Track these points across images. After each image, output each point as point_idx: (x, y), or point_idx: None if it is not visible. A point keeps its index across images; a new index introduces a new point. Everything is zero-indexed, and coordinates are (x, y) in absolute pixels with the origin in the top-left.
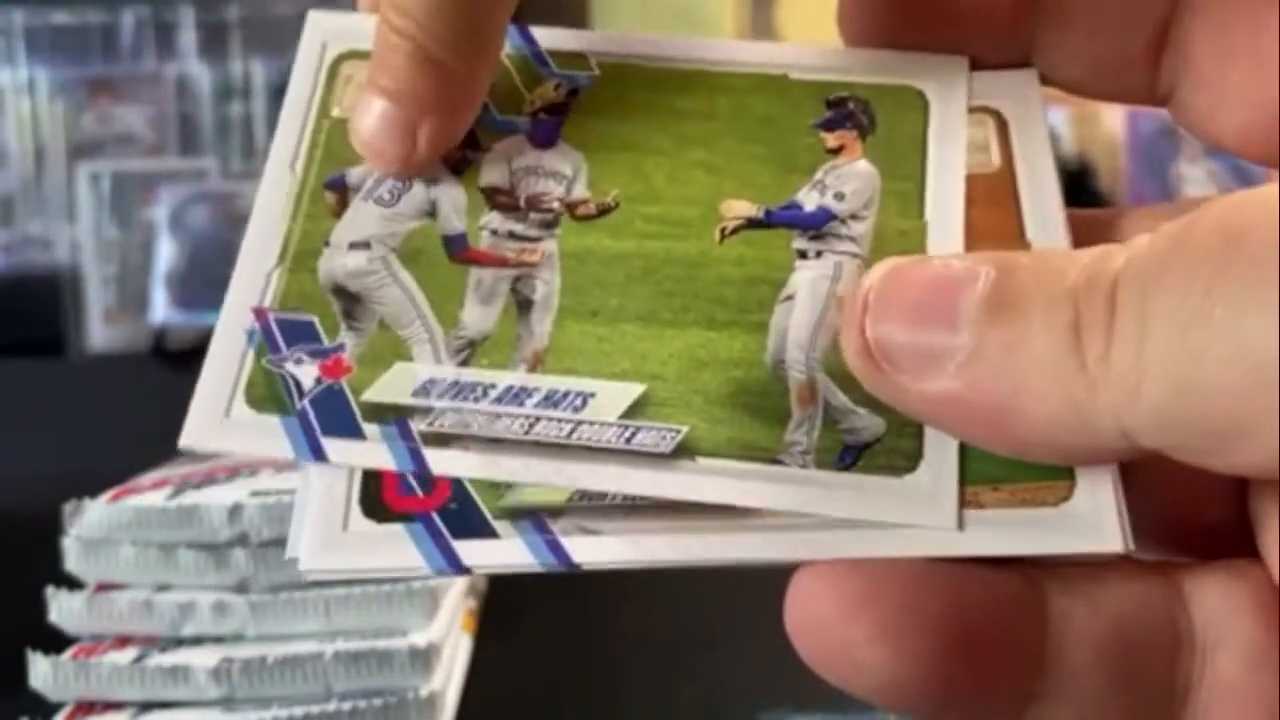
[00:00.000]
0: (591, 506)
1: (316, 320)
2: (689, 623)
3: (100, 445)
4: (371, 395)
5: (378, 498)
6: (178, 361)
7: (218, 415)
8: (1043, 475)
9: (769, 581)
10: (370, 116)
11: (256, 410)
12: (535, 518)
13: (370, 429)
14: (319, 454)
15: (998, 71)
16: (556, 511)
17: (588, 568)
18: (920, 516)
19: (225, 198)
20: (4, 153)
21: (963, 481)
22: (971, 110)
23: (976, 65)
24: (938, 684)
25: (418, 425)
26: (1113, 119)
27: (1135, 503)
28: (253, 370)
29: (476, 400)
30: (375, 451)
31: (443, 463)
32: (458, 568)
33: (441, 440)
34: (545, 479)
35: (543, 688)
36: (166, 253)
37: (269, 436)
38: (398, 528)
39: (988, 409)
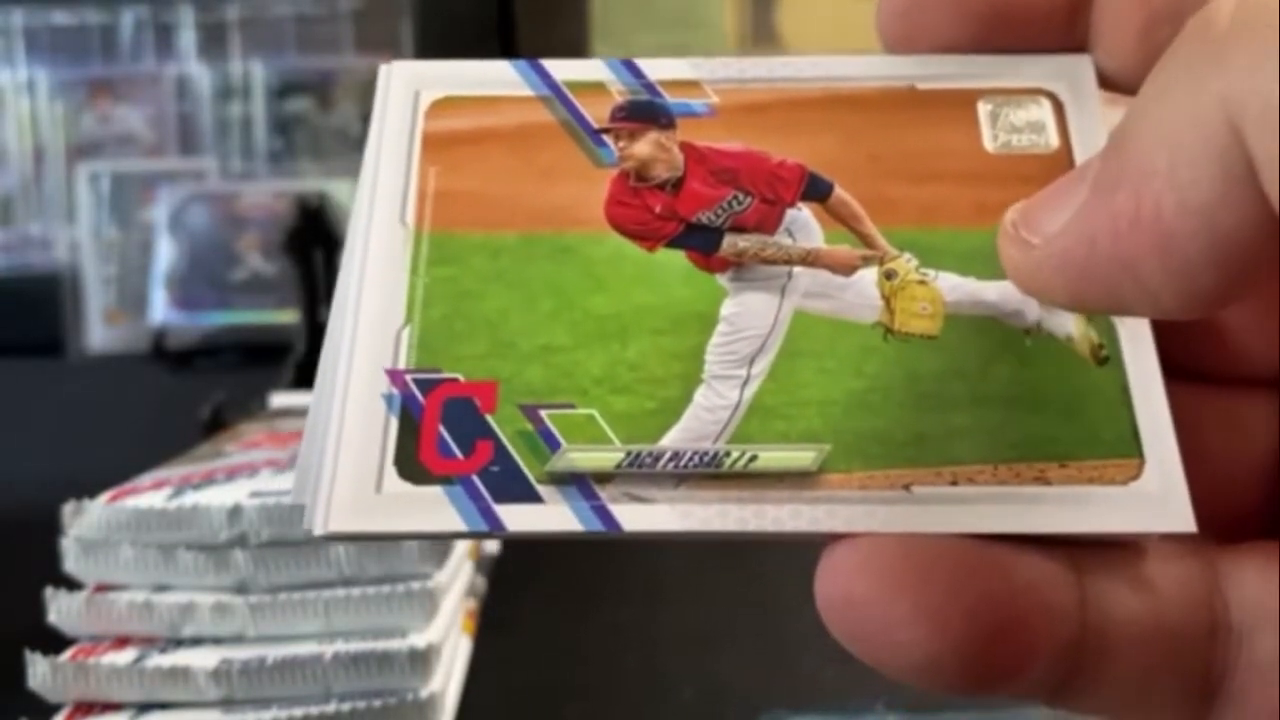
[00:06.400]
0: (641, 473)
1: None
2: (689, 623)
3: (100, 445)
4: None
5: (415, 459)
6: (177, 362)
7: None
8: (1112, 452)
9: (769, 581)
10: None
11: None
12: (582, 483)
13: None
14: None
15: (1051, 55)
16: (604, 478)
17: (637, 536)
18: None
19: (225, 198)
20: (4, 153)
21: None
22: (1026, 92)
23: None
24: (978, 666)
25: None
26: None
27: None
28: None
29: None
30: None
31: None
32: (499, 530)
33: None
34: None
35: (543, 688)
36: (166, 253)
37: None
38: (436, 490)
39: (1129, 203)
